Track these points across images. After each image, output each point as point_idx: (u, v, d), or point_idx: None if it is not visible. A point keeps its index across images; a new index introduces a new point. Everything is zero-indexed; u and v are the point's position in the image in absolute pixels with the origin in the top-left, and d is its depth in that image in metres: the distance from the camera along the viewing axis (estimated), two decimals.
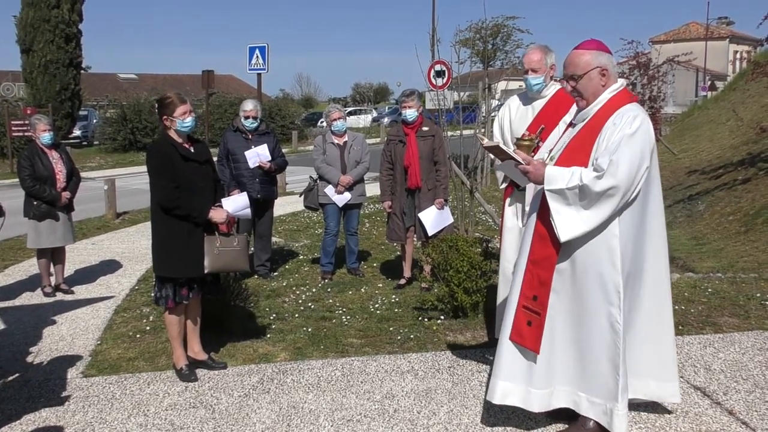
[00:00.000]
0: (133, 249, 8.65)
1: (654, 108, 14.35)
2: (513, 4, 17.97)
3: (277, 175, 7.00)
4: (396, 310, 5.63)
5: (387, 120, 39.58)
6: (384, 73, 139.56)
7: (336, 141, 6.68)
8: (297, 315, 5.59)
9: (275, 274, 7.04)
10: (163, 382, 4.24)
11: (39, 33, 24.83)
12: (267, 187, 6.68)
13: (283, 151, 7.01)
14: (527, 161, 3.23)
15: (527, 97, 4.42)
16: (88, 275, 7.23)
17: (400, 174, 6.18)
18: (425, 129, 6.16)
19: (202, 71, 22.67)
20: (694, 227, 9.44)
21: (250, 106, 6.66)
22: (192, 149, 4.26)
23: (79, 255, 8.16)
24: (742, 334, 4.77)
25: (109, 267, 7.62)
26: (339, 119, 6.69)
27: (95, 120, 31.22)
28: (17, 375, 4.41)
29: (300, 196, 7.09)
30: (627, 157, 2.97)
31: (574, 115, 3.38)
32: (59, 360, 4.68)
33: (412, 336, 4.94)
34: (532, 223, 3.31)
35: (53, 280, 6.54)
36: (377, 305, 5.78)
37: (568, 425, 3.35)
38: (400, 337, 4.93)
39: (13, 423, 3.69)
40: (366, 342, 4.89)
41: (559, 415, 3.39)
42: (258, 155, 6.52)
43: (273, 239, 7.66)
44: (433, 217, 6.06)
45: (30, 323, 5.54)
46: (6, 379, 4.33)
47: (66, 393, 4.08)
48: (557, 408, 3.29)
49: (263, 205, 6.66)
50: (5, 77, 29.08)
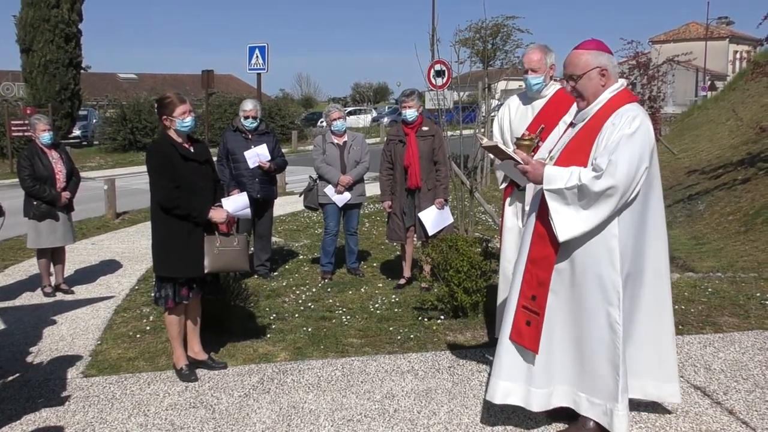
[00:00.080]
0: (133, 249, 8.65)
1: (654, 108, 14.32)
2: (513, 4, 17.95)
3: (277, 175, 7.01)
4: (396, 310, 5.63)
5: (387, 120, 39.56)
6: (384, 73, 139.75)
7: (336, 141, 6.68)
8: (297, 315, 5.59)
9: (275, 274, 7.04)
10: (163, 382, 4.24)
11: (39, 33, 24.82)
12: (267, 187, 6.69)
13: (283, 151, 7.01)
14: (526, 161, 3.23)
15: (527, 97, 4.42)
16: (88, 275, 7.23)
17: (400, 174, 6.18)
18: (425, 129, 6.16)
19: (201, 71, 22.66)
20: (694, 227, 9.45)
21: (249, 106, 6.67)
22: (192, 149, 4.26)
23: (79, 255, 8.16)
24: (742, 333, 4.77)
25: (109, 267, 7.62)
26: (339, 119, 6.69)
27: (95, 120, 31.22)
28: (17, 375, 4.41)
29: (300, 196, 7.09)
30: (626, 157, 2.97)
31: (574, 115, 3.38)
32: (59, 360, 4.68)
33: (412, 336, 4.94)
34: (531, 223, 3.31)
35: (53, 280, 6.54)
36: (377, 305, 5.78)
37: (568, 425, 3.35)
38: (400, 337, 4.93)
39: (13, 423, 3.69)
40: (366, 342, 4.89)
41: (559, 415, 3.39)
42: (258, 155, 6.52)
43: (273, 239, 7.67)
44: (433, 217, 6.07)
45: (30, 323, 5.54)
46: (6, 379, 4.33)
47: (66, 393, 4.08)
48: (557, 407, 3.29)
49: (263, 205, 6.66)
50: (5, 77, 29.07)
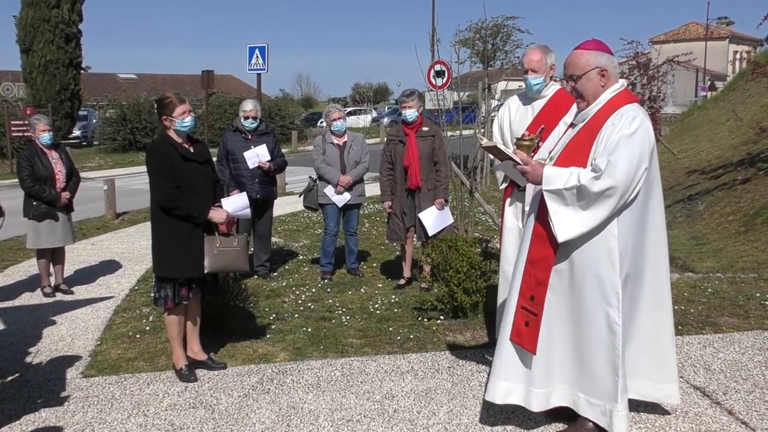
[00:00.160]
0: (133, 249, 8.65)
1: (654, 108, 14.33)
2: (513, 4, 18.03)
3: (277, 176, 7.00)
4: (396, 310, 5.63)
5: (387, 120, 39.57)
6: (384, 73, 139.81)
7: (335, 141, 6.68)
8: (297, 315, 5.59)
9: (275, 274, 7.04)
10: (163, 382, 4.24)
11: (39, 33, 24.84)
12: (266, 188, 6.68)
13: (283, 152, 7.01)
14: (525, 161, 3.23)
15: (527, 97, 4.41)
16: (87, 275, 7.23)
17: (400, 174, 6.18)
18: (425, 129, 6.16)
19: (201, 71, 22.69)
20: (693, 227, 9.45)
21: (249, 106, 6.66)
22: (192, 149, 4.26)
23: (79, 255, 8.16)
24: (741, 334, 4.77)
25: (109, 267, 7.62)
26: (339, 119, 6.69)
27: (95, 120, 31.24)
28: (17, 375, 4.41)
29: (299, 196, 7.09)
30: (625, 158, 2.97)
31: (574, 116, 3.38)
32: (59, 360, 4.68)
33: (411, 336, 4.94)
34: (530, 224, 3.31)
35: (53, 280, 6.54)
36: (377, 305, 5.78)
37: (567, 425, 3.35)
38: (399, 338, 4.93)
39: (13, 423, 3.69)
40: (366, 342, 4.89)
41: (559, 416, 3.39)
42: (257, 156, 6.51)
43: (273, 239, 7.67)
44: (434, 218, 6.06)
45: (30, 323, 5.54)
46: (6, 379, 4.33)
47: (66, 393, 4.08)
48: (557, 407, 3.29)
49: (263, 206, 6.66)
50: (5, 77, 29.02)
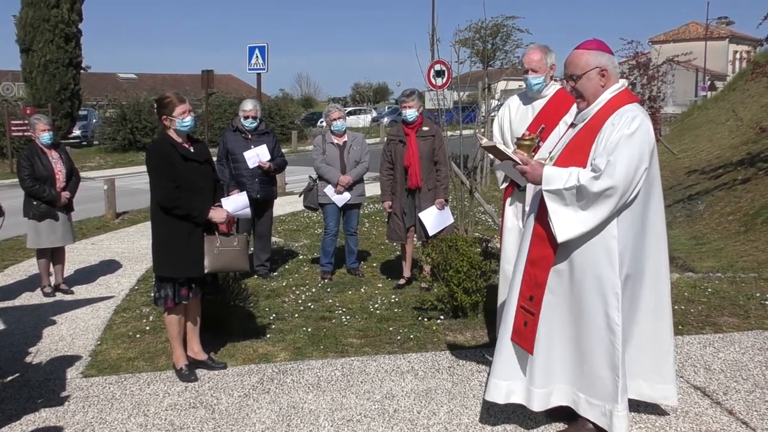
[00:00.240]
0: (133, 249, 8.64)
1: (654, 108, 14.32)
2: (513, 4, 18.02)
3: (277, 175, 7.00)
4: (396, 310, 5.63)
5: (387, 120, 39.57)
6: (384, 73, 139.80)
7: (335, 141, 6.68)
8: (297, 315, 5.59)
9: (275, 274, 7.04)
10: (163, 382, 4.24)
11: (39, 33, 24.81)
12: (266, 187, 6.68)
13: (283, 151, 7.01)
14: (525, 161, 3.22)
15: (527, 97, 4.41)
16: (87, 275, 7.23)
17: (400, 174, 6.17)
18: (425, 129, 6.16)
19: (201, 71, 22.67)
20: (693, 227, 9.45)
21: (249, 105, 6.66)
22: (192, 149, 4.26)
23: (79, 255, 8.16)
24: (742, 333, 4.77)
25: (109, 267, 7.62)
26: (339, 119, 6.69)
27: (95, 120, 31.22)
28: (17, 375, 4.41)
29: (299, 196, 7.09)
30: (625, 158, 2.96)
31: (574, 116, 3.38)
32: (59, 360, 4.68)
33: (411, 336, 4.94)
34: (530, 224, 3.30)
35: (53, 280, 6.54)
36: (377, 305, 5.78)
37: (567, 425, 3.35)
38: (399, 337, 4.93)
39: (13, 423, 3.69)
40: (366, 342, 4.89)
41: (559, 415, 3.39)
42: (257, 155, 6.51)
43: (273, 239, 7.67)
44: (434, 217, 6.06)
45: (30, 323, 5.54)
46: (6, 379, 4.33)
47: (66, 393, 4.08)
48: (557, 407, 3.29)
49: (263, 205, 6.66)
50: (5, 77, 29.04)
